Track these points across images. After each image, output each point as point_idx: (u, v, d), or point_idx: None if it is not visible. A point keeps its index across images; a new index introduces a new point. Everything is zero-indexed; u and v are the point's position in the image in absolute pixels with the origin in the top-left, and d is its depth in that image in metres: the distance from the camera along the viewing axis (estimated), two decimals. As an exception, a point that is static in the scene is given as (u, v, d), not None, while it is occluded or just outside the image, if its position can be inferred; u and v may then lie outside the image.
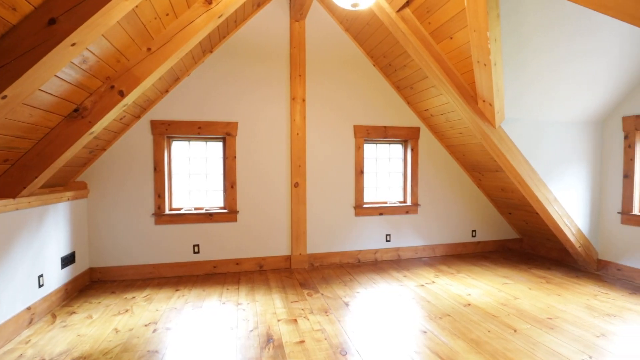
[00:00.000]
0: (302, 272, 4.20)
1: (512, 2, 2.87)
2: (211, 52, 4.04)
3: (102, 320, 2.88)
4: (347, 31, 4.45)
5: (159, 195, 3.95)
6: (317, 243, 4.46)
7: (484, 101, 3.47)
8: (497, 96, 3.34)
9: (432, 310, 3.09)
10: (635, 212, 3.73)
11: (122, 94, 2.64)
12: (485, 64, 3.12)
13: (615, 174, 3.90)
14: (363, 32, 4.24)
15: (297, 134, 4.30)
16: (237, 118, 4.14)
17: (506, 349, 2.42)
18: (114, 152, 3.83)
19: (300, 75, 4.27)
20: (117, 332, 2.69)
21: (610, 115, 3.92)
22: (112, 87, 2.61)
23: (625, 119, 3.77)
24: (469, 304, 3.21)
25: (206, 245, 4.10)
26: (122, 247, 3.89)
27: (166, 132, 3.94)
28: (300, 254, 4.35)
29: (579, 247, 4.02)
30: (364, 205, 4.62)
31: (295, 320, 2.87)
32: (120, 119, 3.49)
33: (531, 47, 3.14)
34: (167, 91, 3.93)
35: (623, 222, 3.82)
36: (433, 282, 3.82)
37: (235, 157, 4.14)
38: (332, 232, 4.51)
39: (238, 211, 4.16)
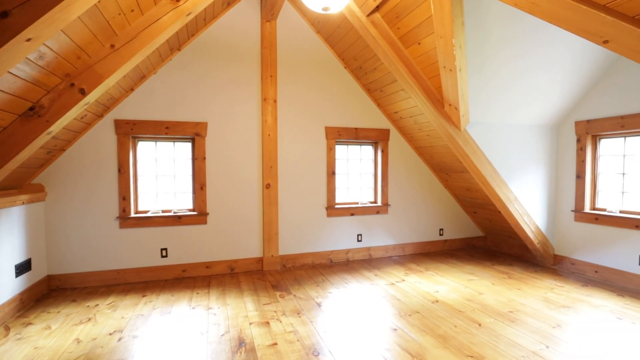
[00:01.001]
0: (275, 273, 4.18)
1: (478, 16, 3.00)
2: (179, 50, 3.93)
3: (62, 331, 2.73)
4: (318, 33, 4.47)
5: (124, 197, 3.79)
6: (290, 244, 4.45)
7: (449, 105, 3.61)
8: (462, 100, 3.48)
9: (402, 308, 3.17)
10: (587, 210, 4.01)
11: (83, 92, 2.52)
12: (451, 70, 3.24)
13: (569, 175, 4.17)
14: (334, 34, 4.28)
15: (269, 134, 4.27)
16: (207, 118, 4.06)
17: (471, 343, 2.53)
18: (74, 153, 3.64)
19: (271, 76, 4.24)
20: (79, 342, 2.56)
21: (565, 119, 4.19)
22: (72, 84, 2.48)
23: (577, 124, 4.04)
24: (437, 301, 3.32)
25: (175, 248, 3.99)
26: (84, 252, 3.70)
27: (131, 132, 3.80)
28: (272, 256, 4.33)
29: (537, 243, 4.26)
30: (336, 206, 4.66)
31: (268, 323, 2.85)
32: (81, 118, 3.32)
33: (495, 56, 3.30)
34: (132, 89, 3.79)
35: (576, 219, 4.09)
36: (403, 280, 3.92)
37: (204, 158, 4.05)
38: (304, 233, 4.52)
39: (208, 213, 4.08)
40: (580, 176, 4.04)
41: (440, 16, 2.93)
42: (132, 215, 3.85)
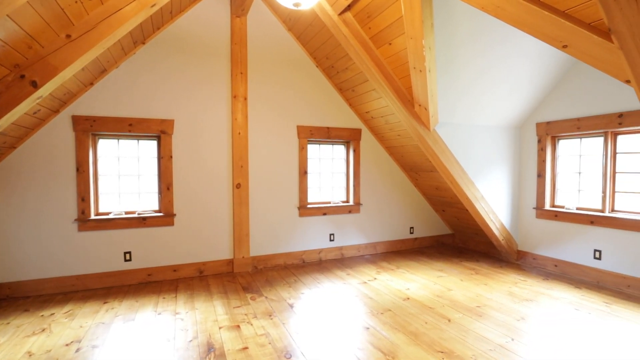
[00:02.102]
0: (246, 275, 4.08)
1: (444, 17, 3.06)
2: (144, 43, 3.75)
3: (12, 344, 2.52)
4: (290, 30, 4.42)
5: (83, 198, 3.57)
6: (261, 245, 4.37)
7: (419, 105, 3.67)
8: (432, 101, 3.54)
9: (374, 306, 3.18)
10: (547, 207, 4.21)
11: (35, 85, 2.33)
12: (420, 70, 3.29)
13: (530, 174, 4.37)
14: (306, 32, 4.25)
15: (239, 133, 4.17)
16: (174, 115, 3.90)
17: (441, 338, 2.58)
18: (27, 151, 3.38)
19: (242, 73, 4.15)
20: (30, 355, 2.36)
21: (527, 121, 4.38)
22: (23, 76, 2.29)
23: (538, 125, 4.24)
24: (408, 298, 3.36)
25: (139, 251, 3.80)
26: (38, 257, 3.44)
27: (91, 129, 3.58)
28: (243, 257, 4.23)
29: (502, 240, 4.43)
30: (308, 206, 4.63)
31: (238, 326, 2.77)
32: (34, 113, 3.08)
33: (462, 59, 3.39)
34: (92, 84, 3.57)
35: (537, 216, 4.29)
36: (375, 278, 3.95)
37: (171, 156, 3.89)
38: (276, 234, 4.45)
39: (175, 214, 3.92)
40: (541, 175, 4.24)
41: (410, 17, 2.97)
42: (92, 217, 3.63)
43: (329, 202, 4.84)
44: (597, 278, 3.70)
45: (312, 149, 4.76)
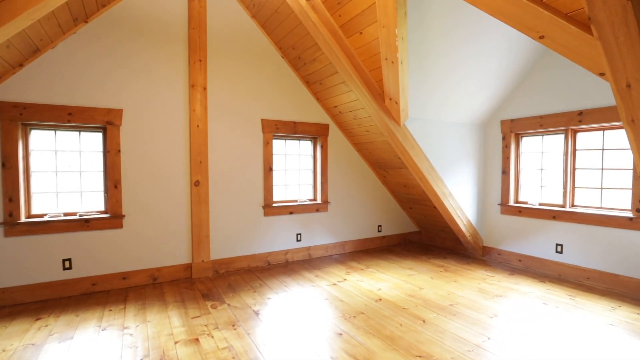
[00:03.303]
0: (206, 281, 3.75)
1: (418, 10, 2.95)
2: (86, 22, 3.30)
3: None
4: (254, 18, 4.14)
5: (11, 199, 3.06)
6: (223, 247, 4.05)
7: (390, 99, 3.55)
8: (403, 95, 3.44)
9: (345, 309, 3.01)
10: (511, 203, 4.28)
11: (-63, 58, 1.89)
12: (392, 62, 3.16)
13: (495, 170, 4.43)
14: (271, 20, 3.99)
15: (197, 126, 3.82)
16: (122, 104, 3.48)
17: (418, 341, 2.45)
18: None
19: (200, 60, 3.80)
20: None
21: (492, 118, 4.43)
22: None
23: (502, 122, 4.29)
24: (380, 299, 3.23)
25: (81, 258, 3.34)
26: (-49, 269, 2.90)
27: (21, 118, 3.08)
28: (202, 261, 3.88)
29: (469, 236, 4.45)
30: (274, 205, 4.37)
31: (197, 340, 2.47)
32: (-57, 96, 2.57)
33: (434, 54, 3.31)
34: (21, 65, 3.07)
35: (502, 212, 4.35)
36: (345, 279, 3.78)
37: (119, 151, 3.46)
38: (239, 235, 4.14)
39: (124, 215, 3.50)
40: (505, 172, 4.30)
41: (383, 4, 2.83)
42: (23, 220, 3.13)
43: (296, 201, 4.61)
44: (558, 271, 3.79)
45: (278, 145, 4.51)
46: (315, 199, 4.77)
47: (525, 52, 3.75)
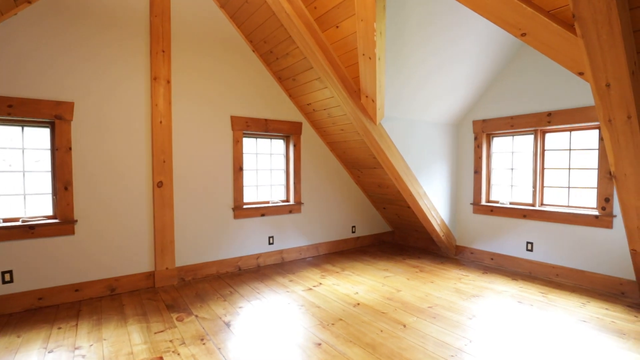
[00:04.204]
0: (170, 290, 3.46)
1: (398, 21, 2.87)
2: (29, 2, 2.92)
3: None
4: (222, 8, 3.89)
5: None
6: (189, 253, 3.77)
7: (366, 97, 3.45)
8: (380, 92, 3.35)
9: (323, 316, 2.86)
10: (483, 202, 4.33)
11: None
12: (370, 58, 3.06)
13: (468, 170, 4.46)
14: (242, 10, 3.76)
15: (160, 122, 3.52)
16: (74, 97, 3.12)
17: (400, 348, 2.35)
18: None
19: (164, 51, 3.51)
20: None
21: (464, 118, 4.46)
22: None
23: (474, 123, 4.33)
24: (358, 304, 3.11)
25: (25, 270, 2.96)
26: None
27: (-53, 110, 2.66)
28: (166, 269, 3.59)
29: (443, 235, 4.46)
30: (245, 206, 4.14)
31: (161, 358, 2.22)
32: None
33: (411, 53, 3.24)
34: (-52, 49, 2.66)
35: (474, 211, 4.39)
36: (320, 284, 3.64)
37: (70, 148, 3.10)
38: (207, 239, 3.88)
39: (76, 220, 3.14)
40: (477, 171, 4.35)
41: (362, -4, 2.71)
42: (-49, 228, 2.71)
43: (268, 202, 4.40)
44: (529, 269, 3.87)
45: (249, 143, 4.28)
46: (288, 200, 4.58)
47: (497, 54, 3.79)
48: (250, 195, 4.31)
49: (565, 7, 1.98)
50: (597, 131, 3.40)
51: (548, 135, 3.79)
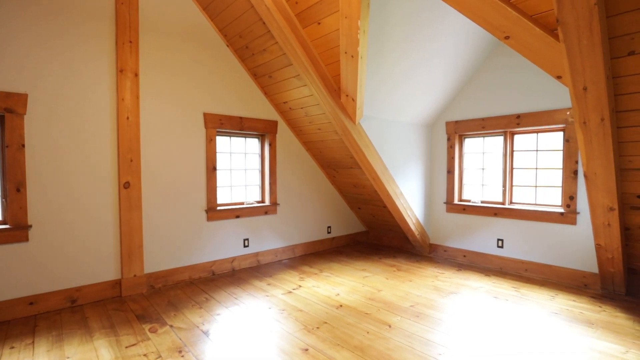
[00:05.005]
0: (140, 299, 3.22)
1: (380, 20, 2.85)
2: (-27, -20, 2.58)
3: None
4: (194, -1, 3.69)
5: None
6: (159, 259, 3.53)
7: (347, 95, 3.42)
8: (360, 91, 3.32)
9: (306, 320, 2.78)
10: (456, 201, 4.45)
11: None
12: (352, 56, 3.02)
13: (441, 170, 4.57)
14: (216, 2, 3.58)
15: (127, 117, 3.27)
16: (27, 88, 2.80)
17: (389, 349, 2.33)
18: None
19: (131, 42, 3.25)
20: None
21: (438, 119, 4.57)
22: None
23: (447, 124, 4.45)
24: (341, 305, 3.07)
25: (-32, 283, 2.61)
26: None
27: None
28: (135, 276, 3.33)
29: (418, 234, 4.53)
30: (218, 208, 3.96)
31: (137, 375, 2.04)
32: None
33: (386, 52, 3.25)
34: None
35: (447, 210, 4.51)
36: (300, 286, 3.55)
37: (23, 145, 2.78)
38: (178, 243, 3.66)
39: (30, 226, 2.82)
40: (450, 171, 4.47)
41: (347, -7, 2.66)
42: None
43: (242, 203, 4.24)
44: (500, 265, 4.03)
45: (222, 142, 4.10)
46: (263, 201, 4.45)
47: (471, 56, 3.91)
48: (224, 196, 4.13)
49: (548, 12, 2.05)
50: (561, 133, 3.60)
51: (517, 137, 3.96)
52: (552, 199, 3.73)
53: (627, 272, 3.22)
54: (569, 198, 3.49)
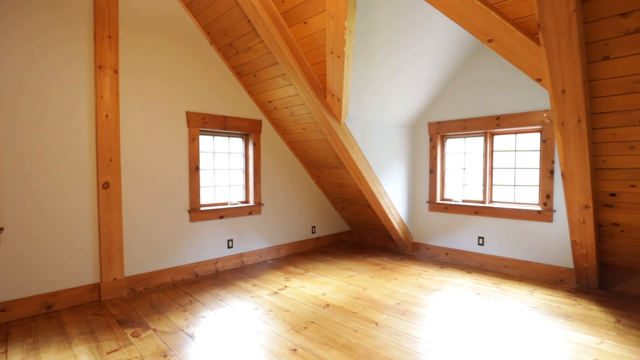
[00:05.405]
0: (120, 303, 3.11)
1: (365, 19, 2.88)
2: (-62, -32, 2.43)
3: None
4: (176, -5, 3.61)
5: None
6: (140, 261, 3.43)
7: (332, 95, 3.43)
8: (346, 91, 3.34)
9: (294, 320, 2.77)
10: (438, 200, 4.54)
11: None
12: (339, 56, 3.04)
13: (424, 170, 4.66)
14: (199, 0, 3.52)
15: (107, 115, 3.16)
16: (0, 84, 2.67)
17: (377, 347, 2.35)
18: None
19: (110, 37, 3.15)
20: None
21: (420, 120, 4.65)
22: None
23: (430, 124, 4.53)
24: (328, 305, 3.07)
25: None
26: None
27: None
28: (114, 279, 3.22)
29: (401, 233, 4.60)
30: (201, 209, 3.88)
31: (121, 382, 1.97)
32: None
33: (372, 52, 3.28)
34: None
35: (430, 209, 4.60)
36: (286, 286, 3.53)
37: (-6, 144, 2.65)
38: (160, 245, 3.56)
39: (2, 228, 2.68)
40: (432, 171, 4.55)
41: (334, -7, 2.67)
42: None
43: (226, 204, 4.18)
44: (480, 262, 4.14)
45: (206, 141, 4.02)
46: (247, 201, 4.40)
47: (452, 58, 4.00)
48: (208, 197, 4.05)
49: (529, 17, 2.12)
50: (538, 134, 3.74)
51: (496, 137, 4.08)
52: (530, 197, 3.86)
53: (600, 266, 3.37)
54: (546, 197, 3.63)
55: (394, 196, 4.42)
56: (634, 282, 3.21)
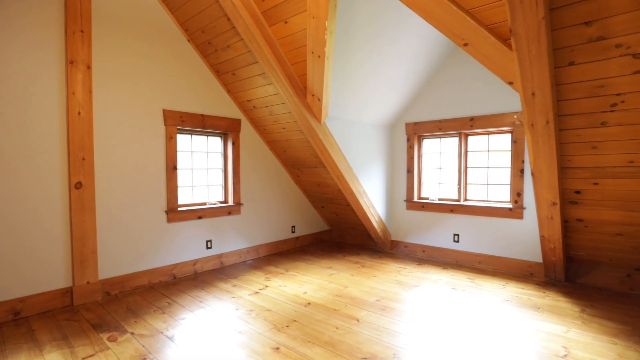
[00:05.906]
0: (94, 307, 3.01)
1: (345, 19, 2.92)
2: None
3: None
4: (153, -10, 3.52)
5: None
6: (115, 263, 3.32)
7: (313, 95, 3.45)
8: (326, 91, 3.37)
9: (275, 319, 2.77)
10: (415, 199, 4.66)
11: None
12: (319, 56, 3.06)
13: (401, 169, 4.76)
14: (176, -5, 3.45)
15: (79, 113, 3.04)
16: (-40, 78, 2.51)
17: (359, 342, 2.39)
18: None
19: (82, 31, 3.03)
20: None
21: (398, 120, 4.75)
22: None
23: (407, 125, 4.64)
24: (309, 303, 3.09)
25: None
26: None
27: None
28: (88, 283, 3.11)
29: (380, 231, 4.68)
30: (179, 209, 3.81)
31: (98, 387, 1.91)
32: None
33: (351, 52, 3.33)
34: None
35: (407, 208, 4.70)
36: (266, 286, 3.52)
37: (-44, 142, 2.49)
38: (136, 247, 3.47)
39: (-35, 231, 2.54)
40: (410, 170, 4.66)
41: (315, -7, 2.69)
42: None
43: (205, 204, 4.12)
44: (456, 258, 4.28)
45: (183, 140, 3.95)
46: (226, 201, 4.34)
47: (429, 60, 4.11)
48: (186, 197, 3.98)
49: (502, 23, 2.23)
50: (509, 135, 3.91)
51: (470, 138, 4.24)
52: (502, 195, 4.03)
53: (566, 260, 3.57)
54: (517, 194, 3.80)
55: (372, 195, 4.50)
56: (596, 274, 3.43)
